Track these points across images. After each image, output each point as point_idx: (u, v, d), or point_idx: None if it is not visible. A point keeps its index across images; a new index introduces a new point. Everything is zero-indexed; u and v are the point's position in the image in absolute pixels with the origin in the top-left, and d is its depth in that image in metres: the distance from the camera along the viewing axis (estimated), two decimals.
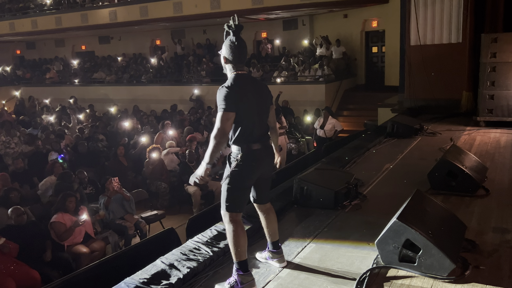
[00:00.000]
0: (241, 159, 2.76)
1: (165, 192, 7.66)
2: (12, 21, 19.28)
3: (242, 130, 2.78)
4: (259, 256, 3.26)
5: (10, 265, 4.75)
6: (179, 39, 18.35)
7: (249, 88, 2.82)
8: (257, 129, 2.84)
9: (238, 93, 2.74)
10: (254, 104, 2.82)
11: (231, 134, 2.81)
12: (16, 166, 7.73)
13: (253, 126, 2.82)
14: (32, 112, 15.01)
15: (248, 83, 2.83)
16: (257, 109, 2.85)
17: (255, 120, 2.84)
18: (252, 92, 2.82)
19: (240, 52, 2.84)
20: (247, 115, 2.79)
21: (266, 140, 2.90)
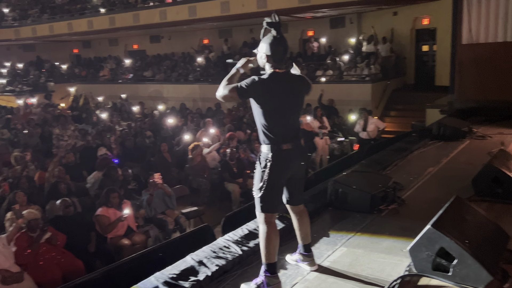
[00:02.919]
0: (272, 159, 2.75)
1: (206, 189, 7.79)
2: (70, 22, 20.31)
3: (273, 129, 2.76)
4: (289, 258, 3.24)
5: (57, 255, 5.03)
6: (226, 38, 18.57)
7: (284, 87, 2.80)
8: (288, 129, 2.82)
9: (266, 88, 2.73)
10: (287, 103, 2.80)
11: (261, 134, 2.81)
12: (68, 160, 8.16)
13: (284, 126, 2.80)
14: (86, 108, 15.77)
15: (283, 82, 2.80)
16: (289, 109, 2.82)
17: (287, 120, 2.82)
18: (286, 91, 2.80)
19: (281, 50, 2.81)
20: (278, 115, 2.78)
21: (297, 140, 2.86)
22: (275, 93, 2.76)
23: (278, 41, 2.79)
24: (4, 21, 22.39)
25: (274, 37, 2.79)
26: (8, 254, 4.72)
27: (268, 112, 2.76)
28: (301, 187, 3.03)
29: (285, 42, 2.83)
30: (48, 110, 14.53)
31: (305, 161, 3.03)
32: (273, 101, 2.76)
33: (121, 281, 3.24)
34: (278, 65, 2.81)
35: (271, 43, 2.78)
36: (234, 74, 2.89)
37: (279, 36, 2.79)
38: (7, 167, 7.66)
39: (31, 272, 4.76)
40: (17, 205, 5.65)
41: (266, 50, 2.79)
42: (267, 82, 2.76)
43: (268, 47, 2.78)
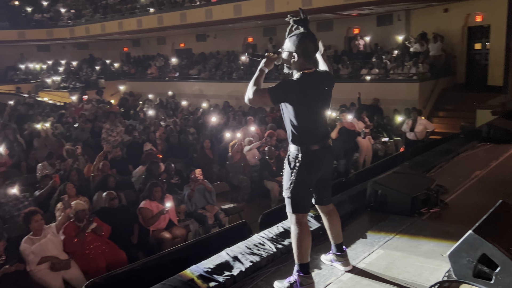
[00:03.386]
0: (301, 159, 2.72)
1: (245, 186, 7.87)
2: (120, 21, 21.08)
3: (303, 130, 2.72)
4: (324, 258, 3.22)
5: (101, 245, 5.25)
6: (270, 37, 18.60)
7: (315, 87, 2.75)
8: (318, 130, 2.79)
9: (298, 90, 2.67)
10: (318, 104, 2.77)
11: (290, 133, 2.77)
12: (115, 154, 8.50)
13: (314, 126, 2.77)
14: (134, 105, 16.32)
15: (314, 83, 2.74)
16: (320, 109, 2.79)
17: (317, 121, 2.78)
18: (317, 92, 2.76)
19: (312, 48, 2.73)
20: (309, 116, 2.74)
21: (326, 140, 2.82)
22: (307, 95, 2.70)
23: (309, 38, 2.70)
24: (61, 20, 23.57)
25: (303, 34, 2.69)
26: (57, 242, 4.98)
27: (299, 113, 2.71)
28: (329, 187, 3.00)
29: (315, 40, 2.74)
30: (98, 106, 15.17)
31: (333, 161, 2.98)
32: (305, 103, 2.70)
33: (160, 273, 3.34)
34: (308, 64, 2.72)
35: (301, 41, 2.68)
36: (260, 75, 2.74)
37: (308, 33, 2.70)
38: (59, 160, 8.08)
39: (78, 260, 5.01)
40: (66, 196, 5.95)
41: (296, 48, 2.69)
42: (299, 84, 2.67)
43: (297, 45, 2.68)
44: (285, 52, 2.77)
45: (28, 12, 24.29)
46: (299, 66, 2.73)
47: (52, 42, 24.20)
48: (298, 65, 2.72)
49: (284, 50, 2.77)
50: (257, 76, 2.74)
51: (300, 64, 2.72)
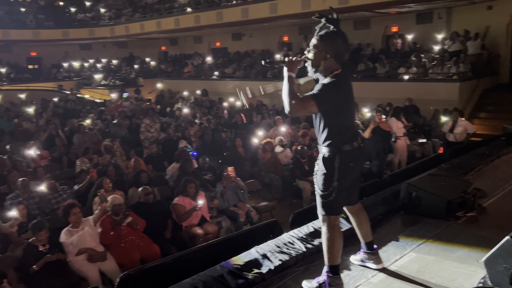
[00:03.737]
0: (337, 161, 2.69)
1: (277, 185, 7.87)
2: (159, 20, 21.51)
3: (337, 130, 2.69)
4: (354, 259, 3.19)
5: (136, 238, 5.40)
6: (306, 35, 18.49)
7: (348, 87, 2.74)
8: (349, 130, 2.77)
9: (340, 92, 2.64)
10: (351, 104, 2.75)
11: (324, 134, 2.72)
12: (151, 151, 8.71)
13: (347, 126, 2.75)
14: (170, 103, 16.64)
15: (346, 82, 2.72)
16: (350, 109, 2.77)
17: (349, 121, 2.77)
18: (350, 92, 2.74)
19: (343, 48, 2.67)
20: (343, 116, 2.72)
21: (356, 140, 2.79)
22: (344, 95, 2.69)
23: (342, 38, 2.65)
24: (102, 20, 24.33)
25: (336, 33, 2.63)
26: (94, 234, 5.17)
27: (336, 115, 2.67)
28: (358, 187, 2.96)
29: (347, 40, 2.68)
30: (137, 103, 15.57)
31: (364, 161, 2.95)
32: (342, 104, 2.69)
33: (191, 268, 3.41)
34: (337, 64, 2.66)
35: (333, 40, 2.62)
36: (291, 83, 2.63)
37: (340, 32, 2.64)
38: (97, 155, 8.36)
39: (113, 252, 5.17)
40: (103, 190, 6.15)
41: (328, 47, 2.63)
42: (338, 86, 2.63)
43: (329, 45, 2.62)
44: (313, 51, 2.70)
45: (72, 12, 25.21)
46: (328, 67, 2.66)
47: (93, 41, 25.02)
48: (328, 65, 2.66)
49: (312, 49, 2.70)
50: (289, 85, 2.63)
51: (330, 64, 2.66)
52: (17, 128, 10.93)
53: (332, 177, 2.68)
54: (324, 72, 2.69)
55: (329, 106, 2.63)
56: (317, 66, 2.71)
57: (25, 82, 21.47)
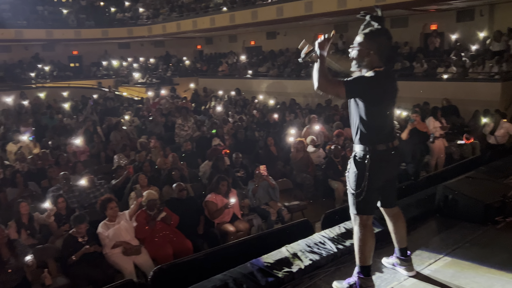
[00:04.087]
0: (369, 160, 2.67)
1: (309, 185, 7.83)
2: (195, 19, 21.81)
3: (372, 129, 2.67)
4: (386, 261, 3.15)
5: (170, 233, 5.53)
6: (341, 33, 18.27)
7: (387, 86, 2.70)
8: (386, 130, 2.73)
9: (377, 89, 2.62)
10: (388, 103, 2.71)
11: (358, 132, 2.72)
12: (185, 148, 8.87)
13: (383, 126, 2.71)
14: (204, 101, 16.86)
15: (386, 80, 2.69)
16: (390, 108, 2.73)
17: (386, 120, 2.72)
18: (389, 91, 2.71)
19: (387, 45, 2.68)
20: (380, 115, 2.69)
21: (393, 140, 2.76)
22: (380, 93, 2.66)
23: (386, 35, 2.66)
24: (140, 19, 24.92)
25: (380, 31, 2.64)
26: (130, 228, 5.32)
27: (371, 112, 2.65)
28: (395, 189, 2.91)
29: (391, 37, 2.69)
30: (172, 101, 15.87)
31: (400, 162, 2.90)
32: (378, 101, 2.66)
33: (222, 264, 3.46)
34: (380, 61, 2.66)
35: (377, 37, 2.64)
36: (322, 61, 2.63)
37: (385, 30, 2.65)
38: (134, 151, 8.59)
39: (148, 246, 5.31)
40: (138, 185, 6.32)
41: (371, 44, 2.64)
42: (375, 81, 2.62)
43: (373, 42, 2.64)
44: (357, 48, 2.71)
45: (111, 12, 25.95)
46: (371, 64, 2.67)
47: (131, 40, 25.67)
48: (371, 62, 2.67)
49: (355, 47, 2.72)
50: (320, 63, 2.64)
51: (373, 61, 2.67)
52: (59, 124, 11.37)
53: (362, 177, 2.68)
54: (367, 68, 2.71)
55: (361, 98, 2.64)
56: (361, 63, 2.73)
57: (67, 80, 22.34)
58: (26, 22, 21.96)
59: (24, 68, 22.47)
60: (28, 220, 5.46)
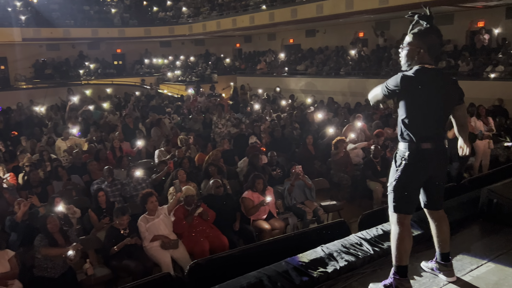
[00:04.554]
0: (408, 158, 2.64)
1: (346, 185, 7.73)
2: (234, 18, 21.98)
3: (414, 126, 2.64)
4: (425, 265, 3.07)
5: (206, 229, 5.62)
6: (382, 31, 17.87)
7: (433, 82, 2.64)
8: (431, 128, 2.66)
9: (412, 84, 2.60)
10: (433, 101, 2.63)
11: (400, 130, 2.71)
12: (223, 146, 8.97)
13: (428, 123, 2.65)
14: (243, 99, 16.97)
15: (432, 77, 2.64)
16: (435, 107, 2.65)
17: (431, 118, 2.65)
18: (435, 87, 2.63)
19: (437, 44, 2.69)
20: (423, 111, 2.64)
21: (439, 139, 2.69)
22: (422, 90, 2.61)
23: (435, 33, 2.64)
24: (181, 18, 25.39)
25: (429, 29, 2.64)
26: (168, 222, 5.45)
27: (411, 109, 2.64)
28: (441, 191, 2.83)
29: (441, 35, 2.67)
30: (210, 99, 16.09)
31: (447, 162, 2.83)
32: (418, 98, 2.62)
33: (257, 261, 3.48)
34: (430, 59, 2.66)
35: (427, 35, 2.64)
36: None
37: (434, 28, 2.63)
38: (174, 148, 8.78)
39: (185, 241, 5.42)
40: (178, 181, 6.45)
41: (421, 43, 2.65)
42: (415, 78, 2.61)
43: (423, 40, 2.65)
44: (406, 48, 2.74)
45: (154, 11, 26.58)
46: (421, 61, 2.69)
47: (173, 39, 26.20)
48: (421, 60, 2.69)
49: (405, 46, 2.74)
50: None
51: (423, 59, 2.68)
52: (104, 120, 11.78)
53: (399, 173, 2.68)
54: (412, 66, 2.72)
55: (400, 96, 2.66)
56: (411, 62, 2.74)
57: (110, 77, 23.12)
58: (74, 22, 22.90)
59: (71, 65, 23.44)
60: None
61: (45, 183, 6.92)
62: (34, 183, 6.76)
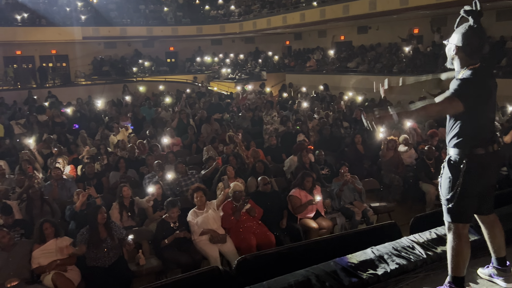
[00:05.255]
0: (466, 165, 2.50)
1: (397, 186, 7.49)
2: (285, 15, 21.94)
3: (469, 132, 2.50)
4: (482, 272, 2.94)
5: (254, 225, 5.66)
6: (438, 27, 17.16)
7: (486, 85, 2.51)
8: (485, 132, 2.52)
9: (477, 88, 2.47)
10: (488, 103, 2.51)
11: (454, 135, 2.55)
12: (270, 143, 9.01)
13: (483, 128, 2.51)
14: (290, 96, 16.91)
15: (484, 79, 2.51)
16: (489, 108, 2.52)
17: (485, 122, 2.52)
18: (488, 90, 2.51)
19: (477, 42, 2.52)
20: (481, 116, 2.51)
21: (493, 144, 2.54)
22: (480, 93, 2.49)
23: (474, 31, 2.48)
24: (232, 16, 25.69)
25: (470, 27, 2.49)
26: (217, 217, 5.55)
27: (470, 113, 2.49)
28: (492, 195, 2.69)
29: (482, 34, 2.49)
30: (259, 96, 16.17)
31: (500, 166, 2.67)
32: (477, 102, 2.48)
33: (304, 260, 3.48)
34: (473, 59, 2.50)
35: (465, 34, 2.49)
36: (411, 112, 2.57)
37: (476, 26, 2.48)
38: (222, 144, 8.91)
39: (232, 236, 5.50)
40: (226, 176, 6.54)
41: (458, 41, 2.51)
42: (476, 81, 2.47)
43: (460, 38, 2.50)
44: (449, 45, 2.62)
45: (206, 9, 27.09)
46: (462, 61, 2.55)
47: (223, 37, 26.58)
48: (460, 60, 2.56)
49: (449, 43, 2.62)
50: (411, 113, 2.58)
51: (462, 59, 2.54)
52: (157, 116, 12.17)
53: (456, 182, 2.53)
54: (458, 66, 2.59)
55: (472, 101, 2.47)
56: (452, 59, 2.64)
57: (163, 74, 23.82)
58: (130, 20, 23.80)
59: (127, 63, 24.38)
60: (129, 203, 5.95)
61: (101, 175, 7.27)
62: (90, 175, 7.13)
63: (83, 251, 4.84)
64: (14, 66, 22.73)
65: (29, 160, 7.63)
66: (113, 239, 5.01)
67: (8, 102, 16.06)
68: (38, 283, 4.60)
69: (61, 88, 20.64)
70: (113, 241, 5.00)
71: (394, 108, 2.54)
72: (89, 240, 4.90)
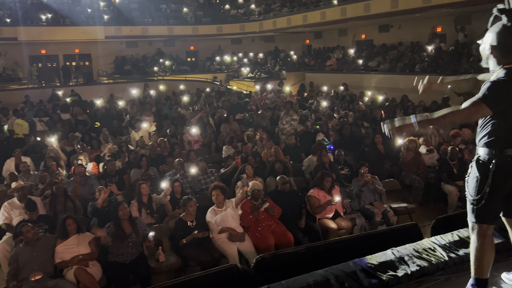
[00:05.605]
0: (495, 165, 2.44)
1: (418, 187, 7.38)
2: (305, 14, 21.82)
3: (501, 132, 2.44)
4: (506, 277, 2.87)
5: (272, 224, 5.66)
6: (462, 26, 16.81)
7: None
8: None
9: (505, 90, 2.39)
10: None
11: (484, 134, 2.50)
12: (289, 142, 8.98)
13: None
14: (310, 96, 16.83)
15: None
16: None
17: None
18: None
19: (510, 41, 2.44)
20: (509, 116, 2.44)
21: None
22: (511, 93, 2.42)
23: (508, 30, 2.41)
24: (252, 15, 25.71)
25: (504, 26, 2.42)
26: (235, 215, 5.57)
27: (500, 113, 2.43)
28: None
29: None
30: (278, 96, 16.14)
31: None
32: (509, 102, 2.41)
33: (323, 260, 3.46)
34: (505, 58, 2.43)
35: (499, 32, 2.42)
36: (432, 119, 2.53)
37: (510, 24, 2.41)
38: (241, 143, 8.94)
39: (251, 235, 5.51)
40: (245, 175, 6.56)
41: (492, 40, 2.46)
42: (508, 81, 2.39)
43: (494, 37, 2.44)
44: (483, 44, 2.57)
45: (226, 8, 27.19)
46: (496, 60, 2.49)
47: (243, 36, 26.63)
48: (495, 59, 2.49)
49: (483, 42, 2.57)
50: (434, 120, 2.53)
51: (497, 58, 2.48)
52: (178, 115, 12.28)
53: (484, 183, 2.47)
54: (493, 66, 2.53)
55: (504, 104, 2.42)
56: (486, 59, 2.59)
57: (184, 73, 24.02)
58: (151, 20, 24.08)
59: (148, 62, 24.68)
60: (147, 200, 6.03)
61: (122, 173, 7.38)
62: (111, 173, 7.24)
63: (108, 242, 4.93)
64: (38, 65, 23.29)
65: (54, 157, 7.81)
66: (138, 235, 5.09)
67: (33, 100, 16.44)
68: (60, 277, 4.70)
69: (84, 87, 21.04)
70: (137, 236, 5.08)
71: (416, 116, 2.50)
72: (115, 234, 4.99)
